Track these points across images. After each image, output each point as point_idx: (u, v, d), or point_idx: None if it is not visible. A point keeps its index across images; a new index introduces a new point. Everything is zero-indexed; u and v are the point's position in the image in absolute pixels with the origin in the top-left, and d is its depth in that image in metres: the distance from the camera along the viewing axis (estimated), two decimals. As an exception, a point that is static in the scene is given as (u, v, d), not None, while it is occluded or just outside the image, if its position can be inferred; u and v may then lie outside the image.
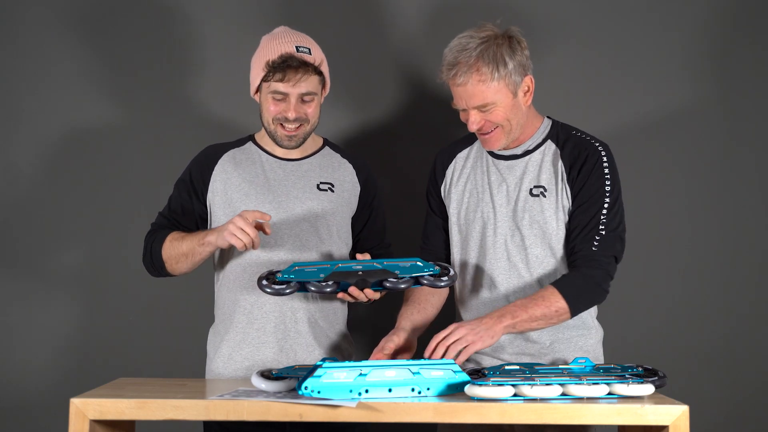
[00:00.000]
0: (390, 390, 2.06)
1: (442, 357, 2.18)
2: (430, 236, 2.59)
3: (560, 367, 2.22)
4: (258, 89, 2.52)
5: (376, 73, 3.16)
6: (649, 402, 2.01)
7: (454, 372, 2.11)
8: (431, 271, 2.35)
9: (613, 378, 2.09)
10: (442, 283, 2.34)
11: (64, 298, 3.13)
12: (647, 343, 3.09)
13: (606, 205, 2.36)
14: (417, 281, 2.34)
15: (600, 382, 2.06)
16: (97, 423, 2.01)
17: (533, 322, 2.27)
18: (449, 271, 2.36)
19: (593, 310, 2.47)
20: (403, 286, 2.33)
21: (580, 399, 2.04)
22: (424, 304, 2.47)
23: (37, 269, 3.13)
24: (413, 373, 2.08)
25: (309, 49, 2.48)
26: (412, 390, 2.07)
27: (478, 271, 2.47)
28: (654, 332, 3.10)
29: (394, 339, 2.32)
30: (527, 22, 3.10)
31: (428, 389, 2.08)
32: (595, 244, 2.34)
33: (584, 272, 2.32)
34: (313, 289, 2.31)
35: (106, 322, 3.13)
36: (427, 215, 2.61)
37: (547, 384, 2.04)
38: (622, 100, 3.14)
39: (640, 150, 3.12)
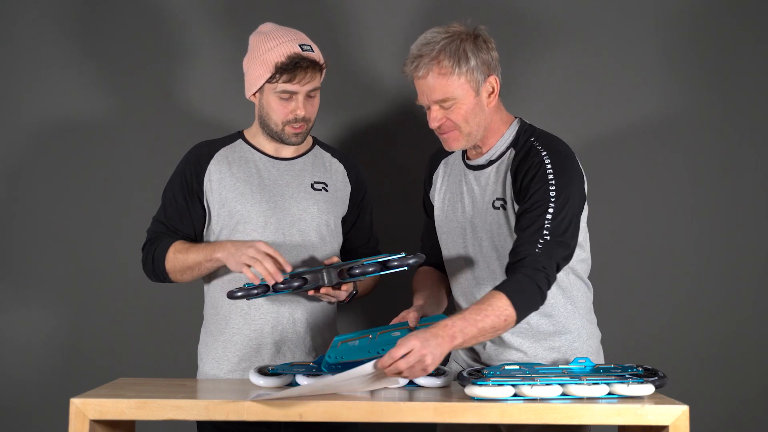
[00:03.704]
0: None
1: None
2: (425, 239, 2.59)
3: (560, 367, 2.22)
4: (257, 90, 2.51)
5: (375, 72, 3.16)
6: (649, 402, 2.01)
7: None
8: (399, 255, 2.36)
9: (613, 378, 2.09)
10: (412, 260, 2.34)
11: (62, 298, 3.13)
12: (647, 343, 3.09)
13: (551, 211, 2.25)
14: (385, 266, 2.35)
15: (600, 382, 2.06)
16: (97, 423, 2.01)
17: (481, 336, 2.13)
18: (416, 253, 2.38)
19: (592, 317, 2.46)
20: (371, 269, 2.34)
21: (580, 399, 2.04)
22: (437, 291, 2.48)
23: (33, 269, 3.13)
24: (416, 328, 2.23)
25: (311, 47, 2.49)
26: None
27: (457, 275, 2.47)
28: (654, 332, 3.10)
29: (418, 311, 2.34)
30: (526, 24, 3.12)
31: None
32: (539, 247, 2.21)
33: (529, 275, 2.19)
34: (281, 286, 2.33)
35: (105, 322, 3.13)
36: (426, 222, 2.61)
37: (547, 384, 2.04)
38: (622, 102, 3.13)
39: (640, 152, 3.12)
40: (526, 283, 2.17)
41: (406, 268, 2.37)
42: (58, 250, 3.13)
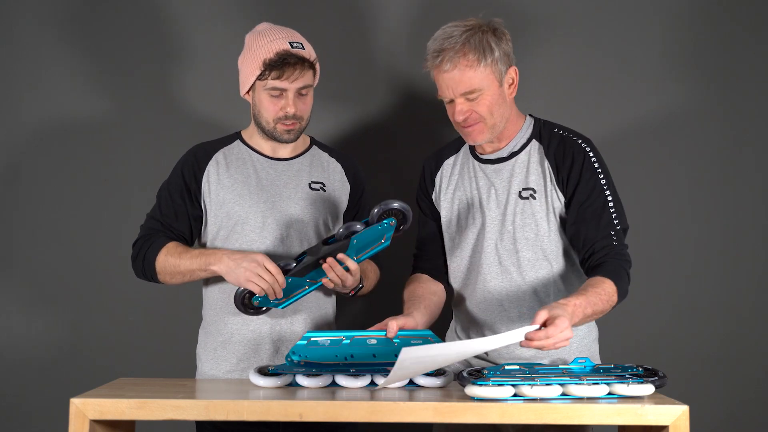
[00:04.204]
0: (374, 356, 2.16)
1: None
2: (426, 242, 2.55)
3: (560, 367, 2.21)
4: (250, 89, 2.51)
5: (374, 72, 3.16)
6: (649, 402, 2.01)
7: (432, 339, 2.21)
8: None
9: (613, 378, 2.09)
10: (394, 204, 2.37)
11: (62, 298, 3.14)
12: (647, 343, 3.09)
13: (609, 199, 2.35)
14: (368, 224, 2.38)
15: (600, 382, 2.06)
16: (97, 423, 2.01)
17: (588, 318, 2.20)
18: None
19: None
20: (358, 227, 2.37)
21: (580, 399, 2.03)
22: (428, 302, 2.43)
23: (33, 269, 3.13)
24: (393, 340, 2.18)
25: (302, 44, 2.48)
26: (395, 356, 2.10)
27: (472, 276, 2.46)
28: (654, 332, 3.11)
29: (400, 320, 2.27)
30: (522, 21, 3.12)
31: None
32: (615, 239, 2.33)
33: (622, 266, 2.30)
34: (281, 264, 2.37)
35: (105, 322, 3.13)
36: (421, 222, 2.58)
37: (547, 384, 2.04)
38: (622, 101, 3.14)
39: (640, 151, 3.13)
40: (622, 273, 2.28)
41: (393, 219, 2.37)
42: (58, 251, 3.13)
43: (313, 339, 2.23)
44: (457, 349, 2.10)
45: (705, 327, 3.11)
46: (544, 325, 2.05)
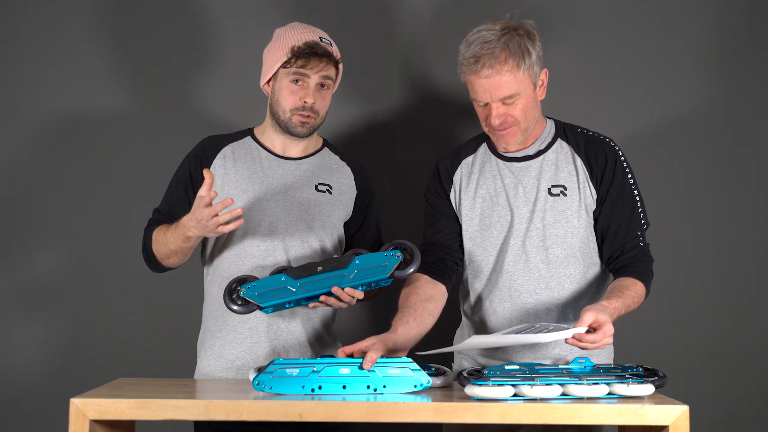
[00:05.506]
0: (344, 387, 2.09)
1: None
2: (435, 235, 2.49)
3: (560, 367, 2.21)
4: (271, 78, 2.51)
5: (380, 72, 3.16)
6: (649, 402, 2.01)
7: (412, 370, 2.13)
8: (393, 261, 2.35)
9: (613, 378, 2.09)
10: (407, 242, 2.39)
11: (62, 298, 3.13)
12: (647, 343, 3.09)
13: (638, 199, 2.41)
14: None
15: (600, 382, 2.06)
16: (97, 423, 2.01)
17: (618, 318, 2.24)
18: (413, 255, 2.37)
19: None
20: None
21: (580, 399, 2.04)
22: (421, 311, 2.35)
23: (34, 269, 3.13)
24: (369, 371, 2.11)
25: (330, 42, 2.51)
26: (368, 387, 2.09)
27: (495, 274, 2.44)
28: (654, 332, 3.10)
29: (379, 349, 2.15)
30: (534, 20, 3.12)
31: (384, 387, 2.10)
32: (641, 240, 2.39)
33: (649, 267, 2.37)
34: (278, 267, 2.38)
35: (106, 322, 3.13)
36: (430, 219, 2.53)
37: (547, 384, 2.04)
38: (628, 103, 3.14)
39: (642, 152, 3.12)
40: (649, 274, 2.37)
41: (398, 252, 2.35)
42: (59, 250, 3.13)
43: (279, 369, 2.09)
44: (512, 340, 2.23)
45: (705, 327, 3.11)
46: (591, 326, 2.13)
